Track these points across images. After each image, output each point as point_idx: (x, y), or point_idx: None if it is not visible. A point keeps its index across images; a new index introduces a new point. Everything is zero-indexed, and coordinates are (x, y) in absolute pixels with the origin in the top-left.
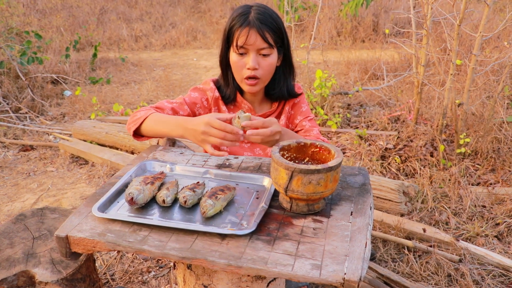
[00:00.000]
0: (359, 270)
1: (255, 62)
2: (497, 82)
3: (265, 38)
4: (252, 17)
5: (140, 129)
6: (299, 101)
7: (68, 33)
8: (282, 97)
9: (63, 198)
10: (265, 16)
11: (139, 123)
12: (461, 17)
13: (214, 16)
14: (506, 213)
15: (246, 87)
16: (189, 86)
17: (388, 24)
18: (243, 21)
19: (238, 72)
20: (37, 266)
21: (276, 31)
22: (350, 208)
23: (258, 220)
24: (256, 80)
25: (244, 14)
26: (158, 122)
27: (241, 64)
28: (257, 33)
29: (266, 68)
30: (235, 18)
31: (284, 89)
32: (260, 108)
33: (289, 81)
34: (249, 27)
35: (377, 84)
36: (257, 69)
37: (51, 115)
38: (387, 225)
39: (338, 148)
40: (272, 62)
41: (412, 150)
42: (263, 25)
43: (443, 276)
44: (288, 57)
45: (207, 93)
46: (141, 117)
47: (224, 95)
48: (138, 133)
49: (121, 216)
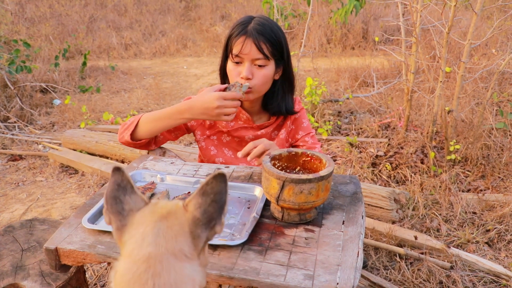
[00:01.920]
0: (352, 279)
1: (249, 71)
2: (486, 89)
3: (261, 49)
4: (251, 27)
5: (136, 133)
6: (300, 115)
7: (57, 41)
8: (279, 112)
9: (52, 208)
10: (264, 27)
11: (133, 128)
12: (450, 25)
13: (204, 24)
14: (496, 220)
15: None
16: (180, 94)
17: (378, 32)
18: (241, 30)
19: (233, 80)
20: (26, 278)
21: (274, 43)
22: (341, 217)
23: (249, 230)
24: (249, 88)
25: (244, 24)
26: (156, 119)
27: (236, 73)
28: (253, 43)
29: (260, 79)
30: (235, 27)
31: (282, 105)
32: (258, 118)
33: (287, 97)
34: (246, 36)
35: (367, 91)
36: (250, 79)
37: (40, 124)
38: (379, 232)
39: (330, 157)
40: (267, 74)
41: (402, 157)
42: (260, 35)
43: (435, 283)
44: (288, 72)
45: None
46: (133, 122)
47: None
48: (134, 138)
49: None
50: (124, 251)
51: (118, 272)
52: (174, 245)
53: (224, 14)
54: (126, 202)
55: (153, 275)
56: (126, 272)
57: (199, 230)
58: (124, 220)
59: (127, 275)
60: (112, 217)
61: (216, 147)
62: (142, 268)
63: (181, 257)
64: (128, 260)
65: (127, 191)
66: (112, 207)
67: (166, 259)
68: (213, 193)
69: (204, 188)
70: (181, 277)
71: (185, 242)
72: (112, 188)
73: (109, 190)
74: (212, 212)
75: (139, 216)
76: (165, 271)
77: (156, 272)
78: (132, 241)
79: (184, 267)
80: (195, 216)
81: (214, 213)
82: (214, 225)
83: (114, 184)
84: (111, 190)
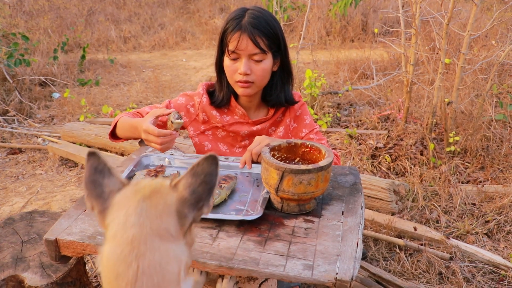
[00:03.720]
0: (351, 269)
1: (247, 67)
2: (485, 81)
3: (257, 44)
4: (245, 21)
5: (115, 132)
6: (301, 112)
7: (56, 34)
8: (279, 104)
9: (52, 201)
10: (259, 20)
11: (112, 127)
12: (449, 16)
13: (203, 16)
14: (496, 211)
15: (239, 90)
16: (179, 87)
17: (377, 24)
18: (235, 25)
19: (230, 77)
20: (26, 270)
21: (270, 36)
22: (341, 208)
23: (263, 206)
24: (249, 83)
25: (238, 18)
26: (123, 126)
27: (233, 69)
28: (249, 38)
29: (259, 74)
30: (229, 21)
31: (281, 95)
32: (255, 114)
33: (286, 88)
34: (241, 32)
35: (367, 83)
36: (249, 74)
37: (40, 118)
38: (378, 224)
39: (329, 148)
40: (266, 67)
41: (402, 149)
42: (255, 30)
43: (434, 274)
44: (286, 63)
45: (194, 99)
46: (114, 121)
47: (217, 99)
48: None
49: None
50: (108, 234)
51: (104, 255)
52: (159, 224)
53: (223, 7)
54: (105, 185)
55: (137, 256)
56: (111, 255)
57: (186, 209)
58: (106, 203)
59: (112, 258)
60: (93, 202)
61: (211, 142)
62: (127, 250)
63: (166, 237)
64: (113, 243)
65: (105, 174)
66: (92, 192)
67: (151, 240)
68: (204, 174)
69: (195, 168)
70: (166, 257)
71: (170, 221)
72: (89, 172)
73: (87, 175)
74: (201, 193)
75: (120, 198)
76: (150, 251)
77: (140, 253)
78: (115, 223)
79: (169, 247)
80: (184, 195)
81: (203, 194)
82: (202, 206)
83: (91, 168)
84: (89, 175)
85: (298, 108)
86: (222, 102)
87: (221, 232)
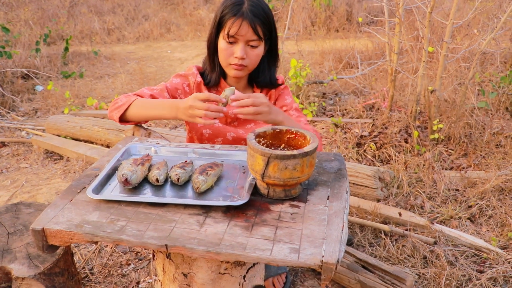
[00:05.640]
0: (337, 252)
1: (243, 52)
2: (468, 69)
3: (256, 31)
4: (245, 8)
5: (125, 115)
6: (283, 93)
7: (38, 26)
8: (265, 85)
9: (38, 194)
10: (258, 8)
11: (124, 110)
12: (432, 5)
13: (188, 8)
14: (478, 196)
15: (232, 71)
16: (164, 78)
17: (362, 13)
18: (236, 11)
19: (225, 59)
20: (13, 261)
21: (266, 24)
22: (326, 193)
23: (250, 192)
24: (242, 66)
25: (238, 4)
26: (147, 107)
27: (229, 52)
28: (249, 25)
29: (253, 59)
30: (229, 6)
31: (267, 78)
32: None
33: (272, 71)
34: (242, 18)
35: (352, 72)
36: (245, 58)
37: (23, 111)
38: (364, 210)
39: (314, 134)
40: (259, 53)
41: (387, 137)
42: (255, 17)
43: (419, 258)
44: (274, 48)
45: (189, 78)
46: (125, 103)
47: (208, 80)
48: (123, 119)
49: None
50: None
51: None
52: None
53: None
54: None
55: None
56: None
57: None
58: None
59: None
60: None
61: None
62: None
63: None
64: None
65: None
66: None
67: None
68: None
69: None
70: None
71: None
72: None
73: None
74: None
75: None
76: None
77: None
78: None
79: None
80: None
81: None
82: None
83: None
84: None
85: (282, 89)
86: (213, 83)
87: (208, 218)
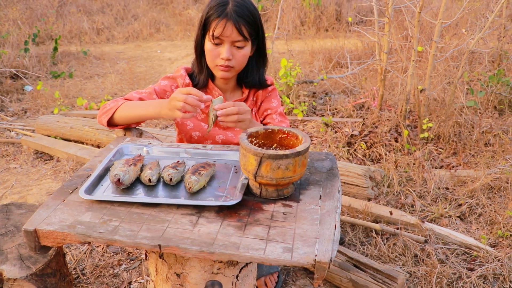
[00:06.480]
0: (330, 251)
1: (229, 53)
2: (456, 68)
3: (241, 32)
4: (230, 9)
5: (113, 119)
6: (271, 95)
7: (26, 26)
8: (254, 86)
9: (28, 195)
10: (243, 9)
11: (111, 113)
12: (421, 5)
13: (177, 7)
14: (468, 194)
15: (219, 73)
16: (154, 78)
17: (351, 13)
18: (220, 12)
19: (211, 60)
20: (5, 263)
21: (252, 24)
22: (318, 192)
23: (242, 192)
24: (229, 68)
25: (222, 5)
26: (132, 108)
27: (216, 53)
28: (233, 26)
29: (240, 59)
30: (213, 7)
31: (256, 78)
32: (231, 95)
33: (261, 71)
34: (226, 19)
35: (342, 72)
36: (231, 59)
37: (12, 111)
38: (355, 209)
39: (306, 134)
40: (246, 53)
41: (377, 136)
42: (240, 18)
43: (410, 256)
44: (262, 49)
45: (178, 80)
46: (113, 107)
47: (197, 82)
48: (111, 123)
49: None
50: None
51: None
52: None
53: None
54: None
55: None
56: None
57: None
58: None
59: None
60: None
61: (192, 121)
62: None
63: None
64: None
65: None
66: None
67: None
68: None
69: None
70: None
71: None
72: None
73: None
74: None
75: None
76: None
77: None
78: None
79: None
80: None
81: None
82: None
83: None
84: None
85: (269, 91)
86: (201, 85)
87: (201, 218)
